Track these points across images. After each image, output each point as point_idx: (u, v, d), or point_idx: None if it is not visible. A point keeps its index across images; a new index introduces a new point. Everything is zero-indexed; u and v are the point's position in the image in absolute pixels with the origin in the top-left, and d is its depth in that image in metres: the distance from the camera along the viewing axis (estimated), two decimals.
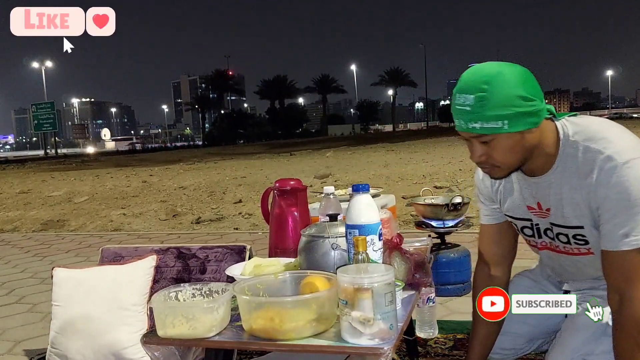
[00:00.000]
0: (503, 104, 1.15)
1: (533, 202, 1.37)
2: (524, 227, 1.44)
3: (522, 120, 1.17)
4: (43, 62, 51.10)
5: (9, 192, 10.84)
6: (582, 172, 1.23)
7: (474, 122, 1.18)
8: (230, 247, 1.87)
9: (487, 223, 1.53)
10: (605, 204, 1.21)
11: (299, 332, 1.12)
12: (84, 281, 1.79)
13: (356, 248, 1.23)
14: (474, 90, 1.17)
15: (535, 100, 1.18)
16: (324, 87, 72.15)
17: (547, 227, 1.39)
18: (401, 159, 13.22)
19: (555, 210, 1.33)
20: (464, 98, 1.18)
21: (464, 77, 1.21)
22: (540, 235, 1.43)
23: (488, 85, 1.16)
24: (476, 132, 1.19)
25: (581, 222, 1.29)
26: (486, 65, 1.21)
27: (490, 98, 1.15)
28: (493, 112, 1.16)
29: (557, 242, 1.39)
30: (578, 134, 1.25)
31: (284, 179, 1.88)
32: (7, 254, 4.67)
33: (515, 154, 1.23)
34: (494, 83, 1.16)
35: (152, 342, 1.20)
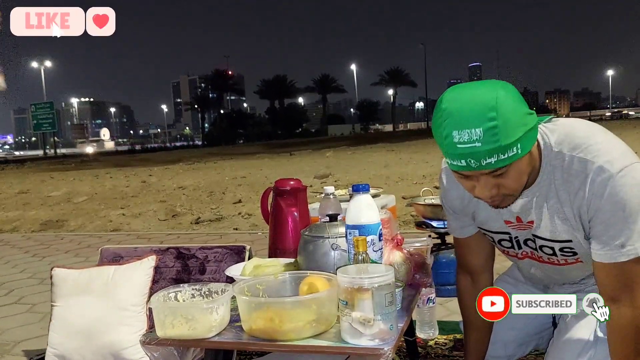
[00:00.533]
0: (515, 126, 1.04)
1: (511, 217, 1.29)
2: (502, 239, 1.38)
3: (530, 137, 1.08)
4: (42, 62, 51.10)
5: (8, 192, 10.83)
6: (572, 184, 1.16)
7: (489, 157, 1.04)
8: (229, 248, 1.86)
9: (461, 237, 1.45)
10: (599, 215, 1.14)
11: (299, 333, 1.11)
12: (83, 281, 1.79)
13: (356, 248, 1.22)
14: (480, 122, 1.02)
15: (533, 112, 1.09)
16: (324, 87, 72.20)
17: (529, 237, 1.32)
18: (401, 159, 13.22)
19: (540, 223, 1.26)
20: (468, 134, 1.03)
21: (459, 110, 1.04)
22: (520, 246, 1.36)
23: (495, 111, 1.02)
24: (491, 168, 1.06)
25: (570, 236, 1.23)
26: (475, 91, 1.07)
27: (503, 125, 1.02)
28: (508, 140, 1.03)
29: (540, 252, 1.34)
30: (562, 143, 1.17)
31: (283, 179, 1.87)
32: (7, 254, 4.67)
33: (526, 176, 1.15)
34: (501, 108, 1.03)
35: (151, 343, 1.20)
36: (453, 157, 1.08)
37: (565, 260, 1.32)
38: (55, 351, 1.77)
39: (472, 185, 1.15)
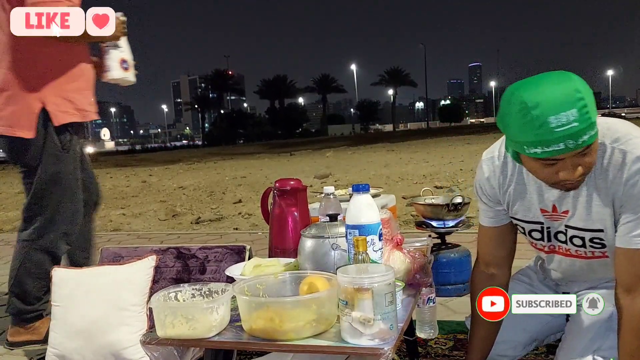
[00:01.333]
0: (594, 103, 1.12)
1: (548, 205, 1.34)
2: (533, 230, 1.41)
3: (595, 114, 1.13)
4: None
5: (8, 192, 10.84)
6: (611, 173, 1.22)
7: (584, 134, 1.10)
8: (230, 247, 1.86)
9: (489, 225, 1.48)
10: (629, 202, 1.21)
11: (299, 333, 1.11)
12: (83, 281, 1.79)
13: (356, 248, 1.22)
14: (572, 104, 1.08)
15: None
16: (324, 87, 72.26)
17: (560, 230, 1.36)
18: (401, 159, 13.22)
19: (575, 212, 1.30)
20: (565, 116, 1.08)
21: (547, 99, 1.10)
22: (549, 239, 1.40)
23: (581, 93, 1.09)
24: (586, 145, 1.12)
25: (603, 225, 1.28)
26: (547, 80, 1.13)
27: (590, 102, 1.10)
28: (595, 117, 1.12)
29: (568, 245, 1.37)
30: (605, 136, 1.22)
31: (283, 179, 1.87)
32: (7, 254, 4.67)
33: (595, 155, 1.20)
34: (582, 88, 1.10)
35: (151, 343, 1.20)
36: (550, 143, 1.11)
37: (592, 253, 1.35)
38: (56, 351, 1.77)
39: (555, 171, 1.18)
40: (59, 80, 2.01)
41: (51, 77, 2.00)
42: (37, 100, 1.98)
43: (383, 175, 8.93)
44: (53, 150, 2.02)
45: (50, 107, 1.99)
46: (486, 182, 1.44)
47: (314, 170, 10.65)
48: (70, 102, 2.03)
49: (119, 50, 2.18)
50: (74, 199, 2.13)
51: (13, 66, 2.00)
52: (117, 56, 2.18)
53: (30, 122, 1.98)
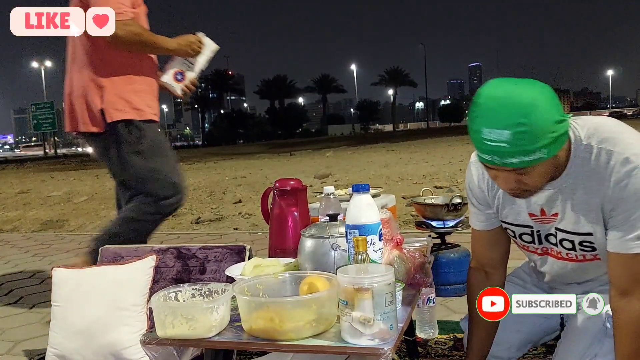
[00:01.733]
0: (543, 134, 1.08)
1: (536, 210, 1.33)
2: (524, 233, 1.40)
3: (559, 142, 1.13)
4: (42, 62, 51.13)
5: (8, 192, 10.83)
6: (598, 175, 1.19)
7: (512, 157, 1.10)
8: (230, 247, 1.86)
9: (480, 229, 1.47)
10: (620, 205, 1.18)
11: (299, 333, 1.11)
12: (83, 281, 1.79)
13: (356, 248, 1.22)
14: (510, 125, 1.07)
15: (566, 118, 1.14)
16: (324, 87, 72.25)
17: (551, 232, 1.34)
18: (401, 159, 13.22)
19: (564, 216, 1.29)
20: (497, 134, 1.08)
21: (492, 109, 1.09)
22: (540, 242, 1.39)
23: (527, 118, 1.06)
24: (514, 167, 1.13)
25: (592, 229, 1.25)
26: (513, 92, 1.10)
27: (531, 132, 1.07)
28: (534, 146, 1.09)
29: (559, 247, 1.35)
30: (591, 137, 1.20)
31: (284, 179, 1.87)
32: (7, 254, 4.67)
33: (548, 175, 1.21)
34: (532, 115, 1.07)
35: (151, 343, 1.20)
36: (480, 151, 1.15)
37: (584, 257, 1.33)
38: (56, 351, 1.77)
39: (494, 176, 1.22)
40: (120, 82, 2.13)
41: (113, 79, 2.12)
42: (99, 98, 2.11)
43: (383, 175, 8.93)
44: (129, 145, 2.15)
45: (105, 105, 2.11)
46: (475, 185, 1.43)
47: (314, 170, 10.65)
48: (127, 101, 2.13)
49: (183, 63, 2.29)
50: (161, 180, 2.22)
51: (83, 68, 2.13)
52: (178, 66, 2.29)
53: (98, 118, 2.12)
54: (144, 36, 2.10)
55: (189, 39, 2.24)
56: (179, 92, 2.33)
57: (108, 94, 2.12)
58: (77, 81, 2.18)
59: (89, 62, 2.14)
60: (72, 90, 2.19)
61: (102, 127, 2.14)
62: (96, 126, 2.15)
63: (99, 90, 2.13)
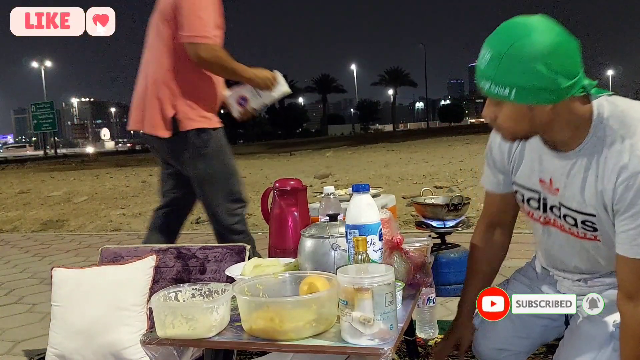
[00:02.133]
0: (517, 71, 1.06)
1: (546, 177, 1.29)
2: (531, 198, 1.37)
3: (533, 94, 1.08)
4: (42, 62, 51.13)
5: (8, 192, 10.83)
6: (609, 164, 1.15)
7: (485, 80, 1.11)
8: (230, 247, 1.86)
9: (492, 191, 1.47)
10: (629, 209, 1.14)
11: (299, 333, 1.11)
12: (83, 281, 1.79)
13: (356, 248, 1.22)
14: (494, 48, 1.08)
15: (558, 77, 1.07)
16: (324, 87, 72.24)
17: (555, 204, 1.31)
18: (401, 159, 13.22)
19: (567, 192, 1.25)
20: (483, 52, 1.10)
21: (498, 30, 1.11)
22: (545, 210, 1.35)
23: (510, 48, 1.06)
24: (484, 92, 1.13)
25: (595, 211, 1.22)
26: (524, 23, 1.09)
27: (506, 62, 1.06)
28: (503, 78, 1.08)
29: (562, 221, 1.32)
30: (613, 117, 1.15)
31: (283, 179, 1.87)
32: (7, 254, 4.67)
33: (520, 125, 1.16)
34: (516, 47, 1.05)
35: (151, 343, 1.20)
36: None
37: (585, 235, 1.30)
38: (56, 351, 1.77)
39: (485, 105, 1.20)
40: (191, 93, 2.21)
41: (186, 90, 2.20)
42: (171, 107, 2.20)
43: (383, 175, 8.93)
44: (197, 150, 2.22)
45: (179, 115, 2.19)
46: (496, 145, 1.41)
47: (314, 170, 10.65)
48: (197, 110, 2.22)
49: (251, 91, 2.36)
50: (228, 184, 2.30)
51: (160, 72, 2.22)
52: (245, 92, 2.37)
53: (166, 124, 2.20)
54: (225, 61, 2.19)
55: (266, 74, 2.33)
56: (236, 114, 2.43)
57: (181, 104, 2.20)
58: (153, 84, 2.24)
59: (168, 68, 2.20)
60: (147, 91, 2.26)
61: (171, 133, 2.21)
62: (165, 131, 2.21)
63: (173, 97, 2.20)
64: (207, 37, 2.11)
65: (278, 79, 2.36)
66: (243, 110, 2.40)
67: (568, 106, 1.14)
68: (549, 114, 1.13)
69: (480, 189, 6.47)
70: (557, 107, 1.12)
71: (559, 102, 1.11)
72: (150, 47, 2.30)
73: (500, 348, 1.53)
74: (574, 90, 1.10)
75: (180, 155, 2.27)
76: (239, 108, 2.40)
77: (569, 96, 1.11)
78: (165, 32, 2.18)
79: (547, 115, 1.13)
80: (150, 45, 2.30)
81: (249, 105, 2.39)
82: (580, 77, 1.11)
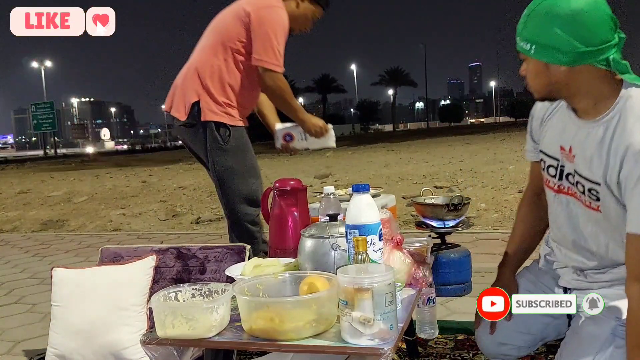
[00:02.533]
0: (537, 28, 1.20)
1: (566, 144, 1.35)
2: (550, 165, 1.42)
3: (550, 52, 1.20)
4: (42, 62, 51.15)
5: (8, 192, 10.83)
6: (622, 139, 1.20)
7: (518, 36, 1.24)
8: (230, 247, 1.86)
9: (530, 160, 1.56)
10: (637, 189, 1.16)
11: (299, 333, 1.11)
12: (83, 281, 1.79)
13: (356, 248, 1.22)
14: (529, 6, 1.22)
15: (572, 41, 1.16)
16: (324, 87, 72.18)
17: (570, 172, 1.36)
18: (401, 159, 13.22)
19: (582, 160, 1.30)
20: (525, 10, 1.23)
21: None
22: (560, 178, 1.39)
23: (537, 6, 1.20)
24: (517, 47, 1.26)
25: (600, 180, 1.26)
26: None
27: (531, 19, 1.21)
28: (527, 34, 1.22)
29: (575, 189, 1.36)
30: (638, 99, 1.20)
31: (284, 179, 1.87)
32: (7, 254, 4.67)
33: (539, 81, 1.28)
34: (542, 6, 1.19)
35: (151, 343, 1.20)
36: None
37: (590, 204, 1.33)
38: (56, 351, 1.77)
39: None
40: (221, 91, 2.26)
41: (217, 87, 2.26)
42: (196, 95, 2.26)
43: (383, 175, 8.92)
44: (215, 143, 2.28)
45: (202, 105, 2.25)
46: (537, 111, 1.48)
47: (314, 170, 10.65)
48: (221, 106, 2.26)
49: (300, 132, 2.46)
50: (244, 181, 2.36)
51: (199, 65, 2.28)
52: (294, 130, 2.47)
53: (186, 108, 2.28)
54: (286, 94, 2.29)
55: (319, 122, 2.42)
56: (278, 145, 2.53)
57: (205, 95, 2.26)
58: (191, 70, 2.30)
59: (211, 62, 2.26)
60: (183, 75, 2.34)
61: (186, 117, 2.28)
62: (183, 115, 2.29)
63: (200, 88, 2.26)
64: (279, 66, 2.22)
65: (329, 132, 2.46)
66: (285, 145, 2.50)
67: (588, 74, 1.21)
68: (564, 75, 1.22)
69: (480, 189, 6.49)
70: (574, 71, 1.21)
71: (574, 65, 1.20)
72: (208, 35, 2.36)
73: (501, 342, 1.55)
74: (591, 59, 1.18)
75: (200, 145, 2.33)
76: (282, 142, 2.50)
77: (585, 63, 1.19)
78: (232, 31, 2.24)
79: (562, 76, 1.23)
80: (208, 33, 2.36)
81: (293, 143, 2.49)
82: (602, 49, 1.17)
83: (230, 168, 2.30)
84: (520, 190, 5.76)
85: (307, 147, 2.52)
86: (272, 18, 2.20)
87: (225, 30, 2.26)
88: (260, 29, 2.18)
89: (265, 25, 2.18)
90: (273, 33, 2.19)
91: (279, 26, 2.21)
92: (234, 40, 2.22)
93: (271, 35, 2.18)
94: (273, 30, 2.19)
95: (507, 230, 3.97)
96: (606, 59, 1.18)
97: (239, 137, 2.33)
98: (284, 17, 2.24)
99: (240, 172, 2.32)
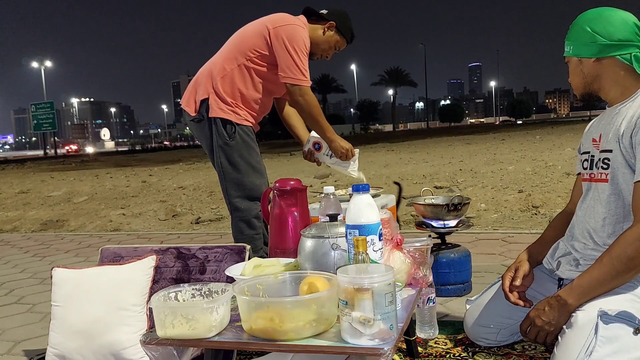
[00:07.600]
0: (575, 32, 1.48)
1: (597, 134, 1.53)
2: (585, 160, 1.58)
3: (581, 47, 1.46)
4: (42, 62, 51.14)
5: (8, 192, 10.83)
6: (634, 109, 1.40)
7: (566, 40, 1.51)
8: (230, 248, 1.86)
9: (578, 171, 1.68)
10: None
11: (299, 333, 1.11)
12: (83, 281, 1.79)
13: (356, 248, 1.22)
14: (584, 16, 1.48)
15: (596, 36, 1.42)
16: (324, 87, 72.08)
17: (599, 157, 1.50)
18: (401, 159, 13.22)
19: (604, 138, 1.48)
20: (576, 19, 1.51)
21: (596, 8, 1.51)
22: (591, 167, 1.54)
23: (578, 18, 1.48)
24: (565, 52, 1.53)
25: (613, 147, 1.43)
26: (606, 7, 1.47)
27: (574, 27, 1.49)
28: (569, 38, 1.50)
29: (600, 169, 1.50)
30: None
31: (284, 179, 1.87)
32: (7, 254, 4.67)
33: (577, 78, 1.52)
34: (581, 17, 1.48)
35: (151, 343, 1.20)
36: None
37: (600, 175, 1.49)
38: (56, 351, 1.77)
39: None
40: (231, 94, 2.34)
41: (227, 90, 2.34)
42: (205, 92, 2.36)
43: (383, 175, 8.92)
44: (221, 138, 2.35)
45: (211, 102, 2.33)
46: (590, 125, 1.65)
47: (314, 170, 10.64)
48: (229, 105, 2.34)
49: (326, 148, 2.51)
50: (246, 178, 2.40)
51: (215, 67, 2.37)
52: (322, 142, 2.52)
53: (196, 104, 2.38)
54: (315, 111, 2.40)
55: (346, 145, 2.49)
56: (305, 149, 2.61)
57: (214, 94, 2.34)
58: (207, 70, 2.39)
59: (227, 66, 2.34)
60: (199, 74, 2.43)
61: (194, 112, 2.37)
62: (193, 110, 2.39)
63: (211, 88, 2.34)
64: (304, 80, 2.31)
65: (354, 158, 2.52)
66: (311, 151, 2.57)
67: (614, 66, 1.44)
68: (593, 68, 1.46)
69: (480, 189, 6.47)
70: (602, 64, 1.45)
71: (600, 57, 1.44)
72: (228, 42, 2.43)
73: (483, 325, 1.72)
74: (614, 52, 1.42)
75: (207, 140, 2.40)
76: (310, 148, 2.57)
77: (609, 54, 1.43)
78: (249, 41, 2.33)
79: (592, 68, 1.47)
80: (229, 40, 2.43)
81: (318, 154, 2.55)
82: (624, 44, 1.41)
83: (235, 163, 2.35)
84: (520, 190, 5.76)
85: (328, 164, 2.56)
86: (290, 34, 2.27)
87: (244, 40, 2.35)
88: (280, 47, 2.27)
89: (284, 42, 2.26)
90: (292, 49, 2.26)
91: (296, 42, 2.27)
92: (250, 49, 2.31)
93: (291, 51, 2.26)
94: (292, 46, 2.26)
95: (507, 231, 3.98)
96: (629, 55, 1.41)
97: (244, 135, 2.38)
98: (303, 33, 2.31)
99: (244, 169, 2.36)
